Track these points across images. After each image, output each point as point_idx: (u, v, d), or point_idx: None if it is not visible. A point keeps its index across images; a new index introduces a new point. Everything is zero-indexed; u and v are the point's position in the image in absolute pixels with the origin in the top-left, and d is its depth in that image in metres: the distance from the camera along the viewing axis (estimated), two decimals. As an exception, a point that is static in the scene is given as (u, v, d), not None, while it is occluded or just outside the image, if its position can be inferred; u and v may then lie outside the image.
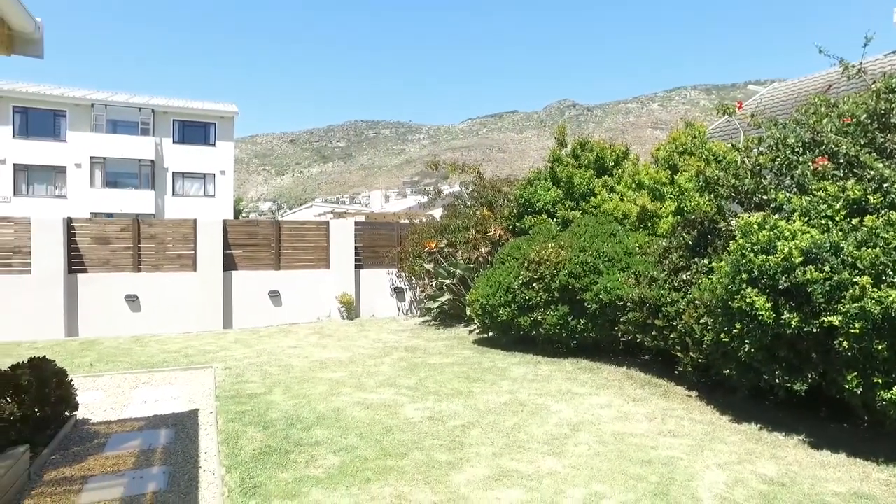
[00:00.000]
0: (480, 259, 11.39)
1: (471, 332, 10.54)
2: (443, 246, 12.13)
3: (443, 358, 8.44)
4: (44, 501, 3.80)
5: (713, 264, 5.92)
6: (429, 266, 12.13)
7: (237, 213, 40.42)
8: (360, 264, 12.97)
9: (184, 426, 5.41)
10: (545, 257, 8.31)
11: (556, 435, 5.14)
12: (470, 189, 13.09)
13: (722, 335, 5.35)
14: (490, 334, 9.68)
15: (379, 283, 13.18)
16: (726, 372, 5.58)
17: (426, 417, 5.61)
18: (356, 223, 13.24)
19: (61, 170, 30.44)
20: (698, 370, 6.24)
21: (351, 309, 12.53)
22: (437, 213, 14.53)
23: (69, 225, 11.00)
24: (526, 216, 10.87)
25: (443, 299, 11.50)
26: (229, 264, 11.92)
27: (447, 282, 11.51)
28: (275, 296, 12.17)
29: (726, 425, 5.43)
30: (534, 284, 8.34)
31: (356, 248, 12.86)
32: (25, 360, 4.90)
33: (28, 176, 29.94)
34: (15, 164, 28.83)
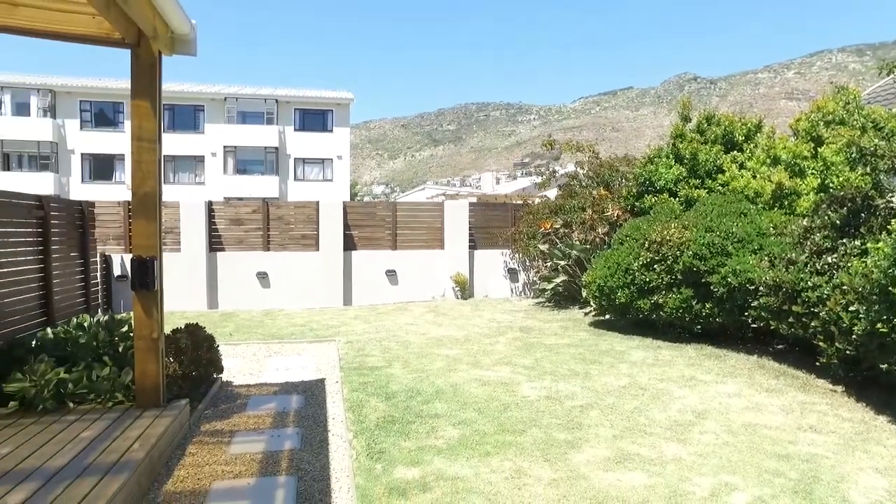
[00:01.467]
0: (597, 240, 11.07)
1: (586, 314, 10.32)
2: (558, 227, 11.93)
3: (558, 339, 8.35)
4: (203, 448, 4.28)
5: (868, 245, 5.32)
6: (543, 247, 12.00)
7: (352, 196, 42.33)
8: (473, 245, 13.13)
9: (312, 393, 5.81)
10: (667, 238, 7.91)
11: (679, 421, 4.92)
12: (585, 169, 12.71)
13: (879, 325, 4.80)
14: (607, 317, 9.41)
15: (492, 263, 13.27)
16: (884, 366, 5.01)
17: (543, 396, 5.60)
18: (470, 204, 13.37)
19: (200, 159, 33.67)
20: (846, 363, 5.66)
21: (465, 289, 12.74)
22: (552, 193, 14.28)
23: (210, 208, 12.14)
24: (646, 196, 10.39)
25: (557, 280, 11.34)
26: (349, 244, 12.55)
27: (562, 263, 11.32)
28: (391, 275, 12.66)
29: (883, 426, 4.89)
30: (655, 266, 7.98)
31: (470, 228, 13.02)
32: (182, 326, 5.50)
33: (174, 165, 33.42)
34: (165, 156, 32.20)
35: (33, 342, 4.97)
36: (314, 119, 35.37)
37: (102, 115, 33.30)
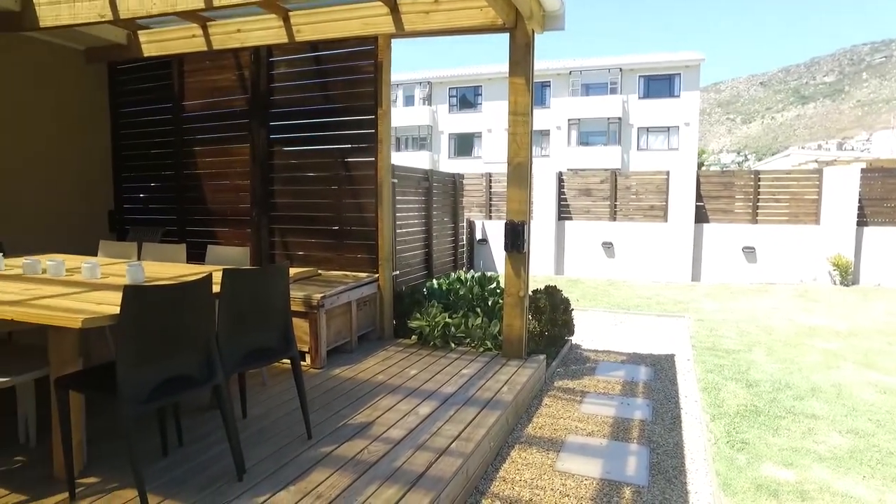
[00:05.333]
0: None
1: None
2: None
3: None
4: (557, 402, 4.57)
5: None
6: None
7: (699, 166, 39.17)
8: (862, 221, 10.73)
9: (661, 367, 5.61)
10: None
11: None
12: None
13: None
14: None
15: (893, 244, 10.64)
16: None
17: (979, 422, 4.24)
18: (861, 170, 10.93)
19: (545, 133, 35.65)
20: None
21: (846, 273, 10.54)
22: None
23: (559, 179, 12.77)
24: None
25: None
26: (700, 216, 11.68)
27: None
28: (749, 251, 11.32)
29: None
30: None
31: (859, 201, 10.68)
32: (542, 288, 5.93)
33: (526, 141, 36.33)
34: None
35: (424, 290, 6.04)
36: (659, 85, 33.65)
37: (464, 99, 38.23)
